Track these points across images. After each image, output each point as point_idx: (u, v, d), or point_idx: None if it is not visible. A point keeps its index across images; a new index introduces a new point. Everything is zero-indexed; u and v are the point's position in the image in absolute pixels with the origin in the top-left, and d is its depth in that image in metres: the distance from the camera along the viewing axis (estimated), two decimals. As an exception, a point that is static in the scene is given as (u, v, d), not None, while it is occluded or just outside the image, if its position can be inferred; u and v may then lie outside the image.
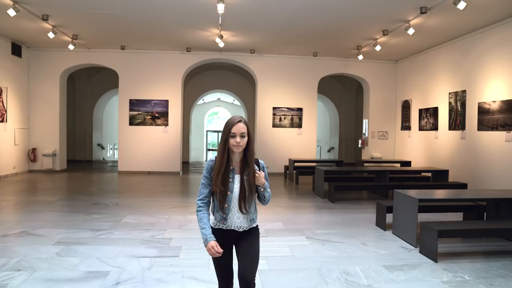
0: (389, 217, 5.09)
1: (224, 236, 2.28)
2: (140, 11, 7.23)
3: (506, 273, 3.53)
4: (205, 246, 2.19)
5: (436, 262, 3.81)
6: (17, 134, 9.98)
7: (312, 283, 3.27)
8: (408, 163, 9.80)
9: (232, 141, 2.19)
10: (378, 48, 9.05)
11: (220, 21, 7.39)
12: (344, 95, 15.35)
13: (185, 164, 13.67)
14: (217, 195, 2.23)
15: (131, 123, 10.92)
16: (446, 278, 3.42)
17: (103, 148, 15.34)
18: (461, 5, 5.96)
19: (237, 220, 2.27)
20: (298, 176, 9.58)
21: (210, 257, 3.77)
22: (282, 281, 3.32)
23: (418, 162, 10.16)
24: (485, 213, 5.09)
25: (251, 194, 2.26)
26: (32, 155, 10.50)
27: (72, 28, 8.52)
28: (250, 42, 9.65)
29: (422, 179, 8.61)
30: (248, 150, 2.24)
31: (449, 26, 7.69)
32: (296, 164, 10.07)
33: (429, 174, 8.60)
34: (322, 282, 3.30)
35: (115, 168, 11.91)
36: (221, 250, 2.16)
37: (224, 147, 2.22)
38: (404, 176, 8.49)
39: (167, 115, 10.98)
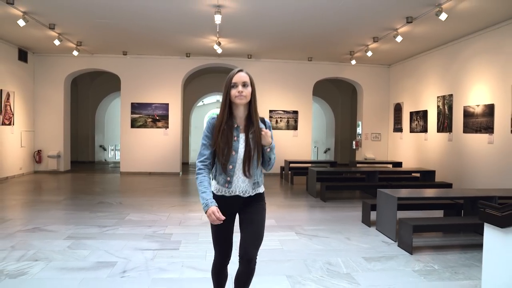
0: (373, 215, 5.49)
1: (227, 204, 2.08)
2: (141, 21, 7.64)
3: (471, 263, 3.92)
4: (205, 212, 1.96)
5: (411, 254, 4.20)
6: (23, 136, 10.38)
7: (296, 272, 3.67)
8: (399, 164, 10.18)
9: (234, 91, 1.97)
10: (369, 54, 9.46)
11: (217, 29, 7.80)
12: (340, 97, 15.73)
13: (185, 164, 14.07)
14: (220, 156, 2.00)
15: (132, 126, 11.32)
16: (418, 267, 3.82)
17: (105, 149, 15.73)
18: (443, 16, 6.37)
19: (242, 184, 2.06)
20: (293, 176, 9.96)
21: (207, 250, 4.21)
22: (271, 270, 3.72)
23: (409, 162, 10.56)
24: (462, 211, 5.49)
25: (257, 155, 2.04)
26: (37, 156, 10.90)
27: (76, 35, 8.93)
28: (247, 48, 10.06)
29: (412, 179, 8.99)
30: (251, 104, 2.03)
31: (435, 34, 8.09)
32: (291, 165, 10.45)
33: (418, 175, 9.01)
34: (306, 270, 3.70)
35: (117, 169, 12.31)
36: (222, 217, 1.94)
37: (226, 102, 2.00)
38: (394, 176, 8.89)
39: (168, 118, 11.38)
